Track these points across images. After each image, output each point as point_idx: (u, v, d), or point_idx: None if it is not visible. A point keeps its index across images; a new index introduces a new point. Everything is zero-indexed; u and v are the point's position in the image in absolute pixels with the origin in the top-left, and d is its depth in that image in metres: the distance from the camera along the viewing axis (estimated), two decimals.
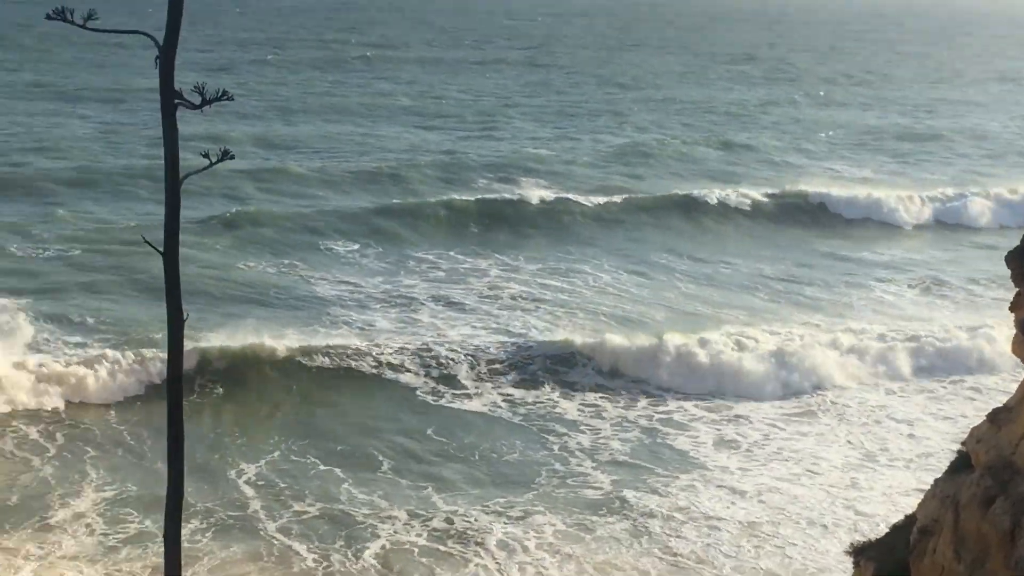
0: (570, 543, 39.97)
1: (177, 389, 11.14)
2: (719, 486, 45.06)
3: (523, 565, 38.47)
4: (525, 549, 39.41)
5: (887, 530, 25.56)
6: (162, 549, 34.69)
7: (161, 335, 53.78)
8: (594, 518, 41.77)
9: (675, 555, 39.61)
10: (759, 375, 54.78)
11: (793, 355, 56.44)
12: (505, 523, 41.17)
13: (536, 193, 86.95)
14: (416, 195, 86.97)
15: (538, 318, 61.10)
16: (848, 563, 23.97)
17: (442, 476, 45.08)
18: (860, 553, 23.40)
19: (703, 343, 56.50)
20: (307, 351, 54.60)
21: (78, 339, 54.54)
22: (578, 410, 51.73)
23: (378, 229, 76.57)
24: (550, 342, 57.14)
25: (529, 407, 51.70)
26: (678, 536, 40.88)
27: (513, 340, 57.62)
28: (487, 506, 42.42)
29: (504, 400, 52.17)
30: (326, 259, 70.35)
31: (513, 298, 64.48)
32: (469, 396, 52.34)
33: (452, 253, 73.43)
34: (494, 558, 38.76)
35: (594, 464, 46.65)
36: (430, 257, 72.40)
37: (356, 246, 73.34)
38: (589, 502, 43.20)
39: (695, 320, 62.14)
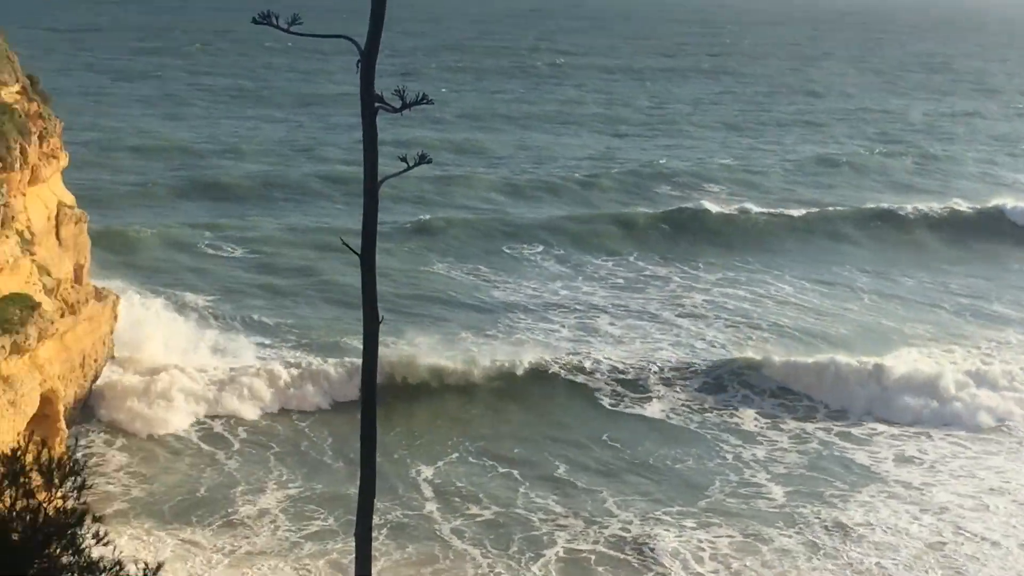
0: (746, 555, 39.61)
1: (371, 390, 11.26)
2: (900, 502, 44.24)
3: None
4: (700, 560, 39.17)
5: None
6: (343, 546, 35.52)
7: (342, 340, 55.04)
8: (770, 531, 41.32)
9: (853, 571, 38.99)
10: (943, 394, 53.35)
11: (979, 374, 55.01)
12: (679, 533, 40.99)
13: (721, 203, 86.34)
14: (600, 204, 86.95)
15: (718, 329, 60.66)
16: None
17: (617, 482, 45.12)
18: None
19: (885, 361, 55.42)
20: (488, 356, 55.15)
21: (261, 339, 55.96)
22: (755, 421, 51.22)
23: (562, 236, 76.55)
24: (729, 353, 56.76)
25: (705, 416, 51.39)
26: (856, 551, 40.21)
27: (692, 350, 57.39)
28: (661, 515, 42.28)
29: (681, 408, 51.87)
30: (511, 265, 70.81)
31: (694, 307, 64.14)
32: (646, 404, 52.19)
33: (632, 259, 73.40)
34: (669, 568, 38.58)
35: (768, 476, 46.24)
36: (609, 264, 72.49)
37: (539, 251, 73.68)
38: (764, 514, 42.80)
39: (878, 335, 61.03)
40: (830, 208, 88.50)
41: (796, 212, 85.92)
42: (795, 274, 71.98)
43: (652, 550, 39.49)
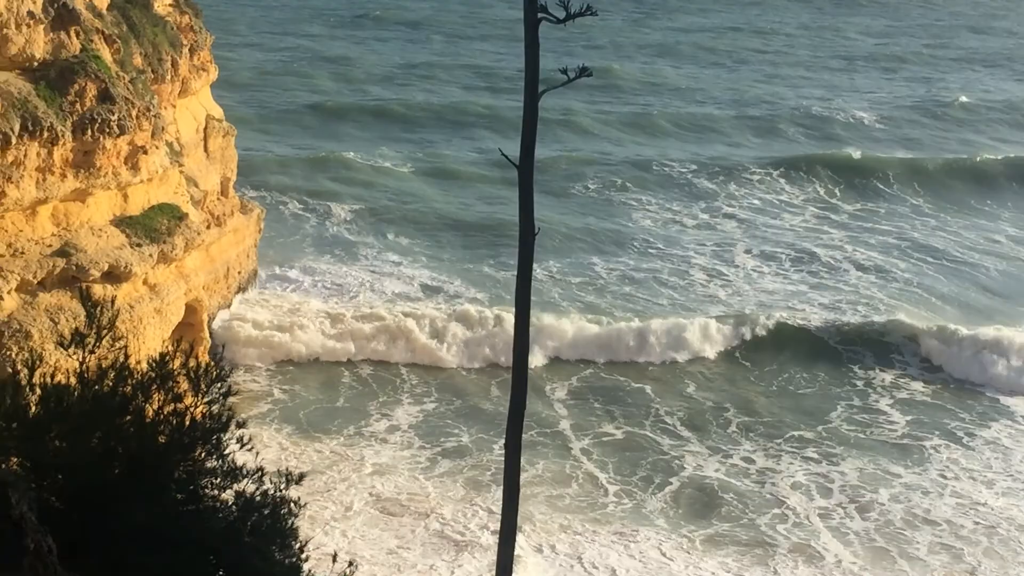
0: (875, 486, 39.12)
1: (525, 301, 11.23)
2: None
3: (825, 510, 37.84)
4: (826, 492, 38.83)
5: None
6: (477, 462, 35.78)
7: (476, 264, 55.79)
8: (896, 466, 40.71)
9: (985, 507, 38.19)
10: None
11: None
12: (804, 462, 40.77)
13: (880, 147, 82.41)
14: (760, 143, 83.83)
15: (854, 268, 59.18)
16: None
17: (743, 403, 45.34)
18: None
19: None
20: (619, 282, 55.34)
21: (397, 259, 56.74)
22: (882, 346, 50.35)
23: (708, 174, 74.48)
24: (861, 299, 55.10)
25: (836, 342, 50.61)
26: (986, 489, 39.34)
27: (826, 289, 56.30)
28: (783, 444, 42.11)
29: (812, 338, 50.93)
30: (650, 195, 70.09)
31: (832, 243, 62.86)
32: (774, 330, 51.21)
33: (776, 198, 72.09)
34: (796, 501, 38.25)
35: (892, 401, 45.81)
36: (752, 199, 71.31)
37: (682, 174, 72.91)
38: (888, 446, 42.28)
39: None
40: (994, 155, 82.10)
41: (960, 156, 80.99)
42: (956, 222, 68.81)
43: (774, 484, 39.18)
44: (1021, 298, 57.12)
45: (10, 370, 25.61)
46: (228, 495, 12.86)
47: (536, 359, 46.90)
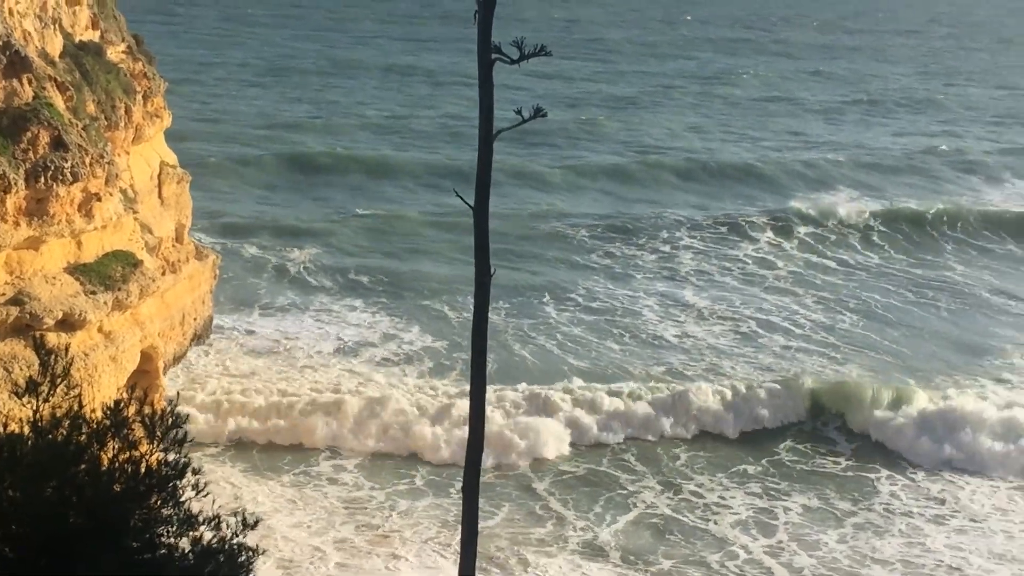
0: (822, 528, 39.16)
1: (481, 344, 11.22)
2: (991, 487, 42.92)
3: (772, 548, 37.90)
4: (771, 531, 38.89)
5: None
6: (435, 503, 35.54)
7: (432, 311, 55.73)
8: (842, 503, 40.86)
9: (928, 550, 38.18)
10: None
11: None
12: (747, 496, 41.04)
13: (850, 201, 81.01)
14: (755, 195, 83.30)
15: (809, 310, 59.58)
16: None
17: (695, 438, 45.74)
18: None
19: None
20: (567, 319, 55.59)
21: (354, 305, 57.16)
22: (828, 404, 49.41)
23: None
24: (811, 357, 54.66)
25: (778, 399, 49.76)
26: (936, 533, 39.27)
27: (780, 338, 55.85)
28: (726, 478, 42.41)
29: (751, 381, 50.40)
30: (618, 234, 70.45)
31: (780, 283, 63.47)
32: (725, 367, 51.49)
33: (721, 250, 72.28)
34: (740, 539, 38.32)
35: (847, 438, 46.18)
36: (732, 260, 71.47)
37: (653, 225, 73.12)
38: (835, 479, 42.59)
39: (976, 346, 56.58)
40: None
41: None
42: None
43: (717, 524, 39.25)
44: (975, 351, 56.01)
45: None
46: (185, 542, 12.73)
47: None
